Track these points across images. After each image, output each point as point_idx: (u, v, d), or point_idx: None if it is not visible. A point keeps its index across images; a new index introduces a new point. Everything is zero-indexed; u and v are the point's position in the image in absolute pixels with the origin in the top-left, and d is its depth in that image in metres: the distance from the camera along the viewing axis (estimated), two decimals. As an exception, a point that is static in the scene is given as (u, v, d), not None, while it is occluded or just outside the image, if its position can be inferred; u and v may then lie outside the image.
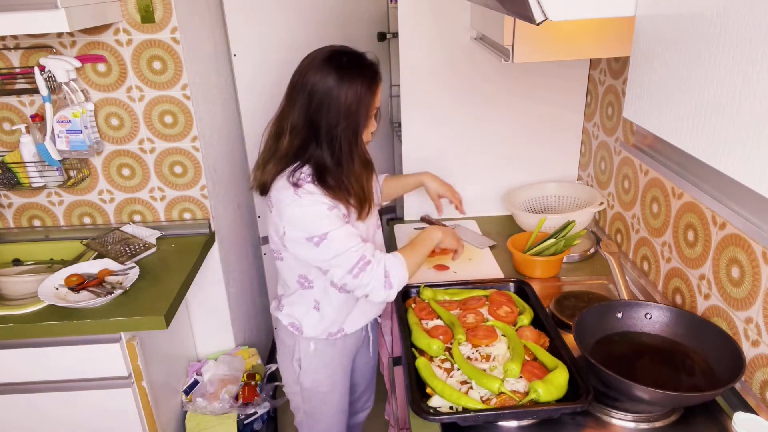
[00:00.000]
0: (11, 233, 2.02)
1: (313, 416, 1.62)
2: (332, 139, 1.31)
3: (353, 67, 1.30)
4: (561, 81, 1.93)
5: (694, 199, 1.34)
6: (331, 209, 1.31)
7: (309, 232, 1.30)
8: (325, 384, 1.57)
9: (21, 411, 1.68)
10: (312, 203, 1.29)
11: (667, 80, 0.74)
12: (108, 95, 1.85)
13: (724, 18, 0.61)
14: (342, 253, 1.29)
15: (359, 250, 1.31)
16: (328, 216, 1.30)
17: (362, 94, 1.29)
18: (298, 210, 1.30)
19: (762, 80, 0.56)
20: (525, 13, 0.90)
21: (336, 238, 1.29)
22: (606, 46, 1.29)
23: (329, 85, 1.28)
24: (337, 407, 1.62)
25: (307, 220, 1.30)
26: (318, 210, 1.30)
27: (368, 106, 1.32)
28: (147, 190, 1.99)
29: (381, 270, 1.32)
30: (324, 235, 1.29)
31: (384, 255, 1.35)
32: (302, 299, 1.48)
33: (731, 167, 0.62)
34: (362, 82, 1.29)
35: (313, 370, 1.54)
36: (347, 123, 1.30)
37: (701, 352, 1.22)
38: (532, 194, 2.02)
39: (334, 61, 1.30)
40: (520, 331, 1.31)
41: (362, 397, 1.84)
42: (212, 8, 2.16)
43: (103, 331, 1.55)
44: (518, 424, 1.13)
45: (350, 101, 1.29)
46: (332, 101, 1.28)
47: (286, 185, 1.32)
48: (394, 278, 1.33)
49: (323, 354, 1.53)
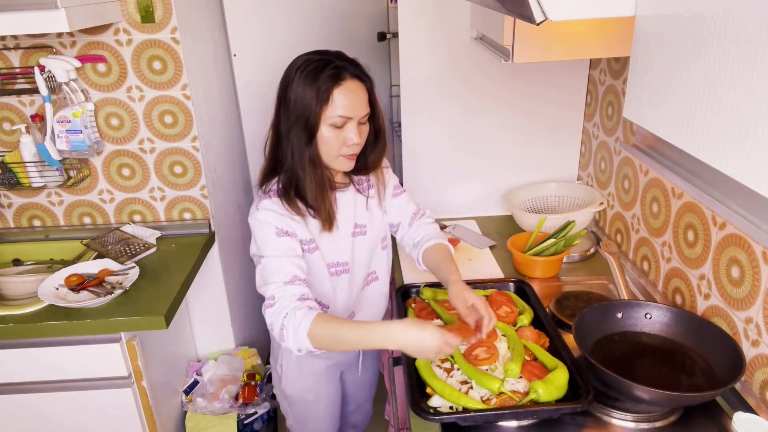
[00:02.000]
0: (11, 233, 2.02)
1: (301, 422, 1.60)
2: (288, 144, 1.26)
3: (311, 70, 1.22)
4: (561, 81, 1.93)
5: (694, 199, 1.34)
6: (281, 235, 1.24)
7: (255, 249, 1.29)
8: (310, 392, 1.54)
9: (21, 411, 1.68)
10: (264, 222, 1.25)
11: (667, 80, 0.74)
12: (108, 95, 1.85)
13: (724, 18, 0.61)
14: (264, 284, 1.23)
15: (274, 288, 1.20)
16: (271, 241, 1.24)
17: (309, 100, 1.20)
18: (253, 224, 1.28)
19: (762, 80, 0.56)
20: (525, 13, 0.90)
21: (267, 266, 1.23)
22: (606, 46, 1.29)
23: (285, 85, 1.25)
24: (325, 416, 1.60)
25: (257, 237, 1.27)
26: (266, 231, 1.25)
27: (315, 114, 1.21)
28: (147, 190, 1.99)
29: (280, 320, 1.16)
30: (259, 259, 1.26)
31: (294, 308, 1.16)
32: None
33: (731, 167, 0.62)
34: (313, 80, 1.20)
35: (294, 377, 1.51)
36: (297, 127, 1.23)
37: (701, 352, 1.22)
38: (532, 194, 2.02)
39: (298, 62, 1.25)
40: (520, 331, 1.31)
41: (358, 411, 1.80)
42: (212, 8, 2.16)
43: (103, 331, 1.55)
44: (518, 424, 1.13)
45: (298, 100, 1.22)
46: (285, 102, 1.24)
47: (257, 194, 1.32)
48: (290, 336, 1.15)
49: (304, 364, 1.49)
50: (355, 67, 1.26)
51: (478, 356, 1.22)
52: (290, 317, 1.15)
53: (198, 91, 1.94)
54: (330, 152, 1.27)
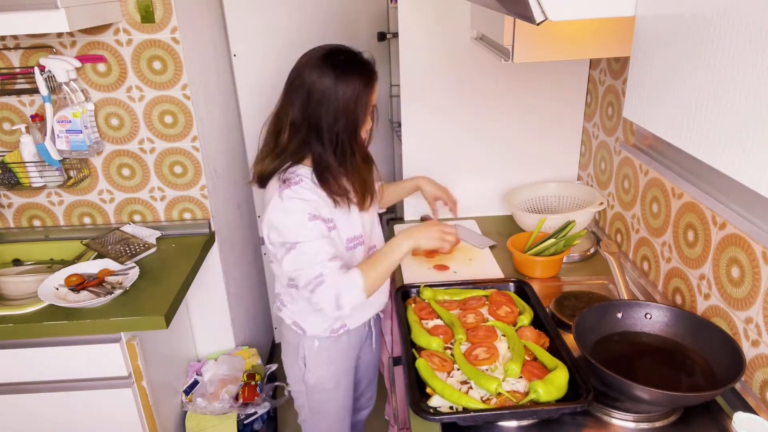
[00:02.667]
0: (11, 233, 2.02)
1: (317, 414, 1.62)
2: (332, 136, 1.33)
3: (350, 66, 1.32)
4: (561, 81, 1.93)
5: (694, 199, 1.34)
6: (312, 219, 1.31)
7: (283, 238, 1.32)
8: (330, 381, 1.57)
9: (21, 411, 1.68)
10: (293, 210, 1.31)
11: (667, 80, 0.74)
12: (108, 95, 1.85)
13: (724, 18, 0.61)
14: (304, 267, 1.31)
15: (320, 267, 1.30)
16: (306, 226, 1.31)
17: (359, 92, 1.31)
18: (278, 214, 1.32)
19: (762, 80, 0.56)
20: (525, 13, 0.90)
21: (305, 250, 1.30)
22: (606, 46, 1.29)
23: (327, 83, 1.30)
24: (341, 404, 1.63)
25: (284, 225, 1.31)
26: (297, 218, 1.31)
27: (365, 104, 1.34)
28: (147, 190, 1.99)
29: (332, 292, 1.30)
30: (294, 245, 1.31)
31: (340, 276, 1.31)
32: (298, 299, 1.48)
33: (731, 167, 0.62)
34: (359, 80, 1.31)
35: (318, 367, 1.55)
36: (346, 120, 1.32)
37: (701, 352, 1.22)
38: (532, 194, 2.02)
39: (331, 59, 1.32)
40: (520, 331, 1.31)
41: (365, 394, 1.85)
42: (212, 8, 2.16)
43: (103, 331, 1.55)
44: (518, 424, 1.13)
45: (348, 99, 1.30)
46: (330, 99, 1.30)
47: (275, 185, 1.35)
48: (345, 300, 1.32)
49: (328, 351, 1.54)
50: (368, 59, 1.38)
51: (478, 356, 1.22)
52: (342, 285, 1.30)
53: (198, 91, 1.94)
54: (365, 137, 1.41)
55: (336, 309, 1.32)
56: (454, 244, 1.52)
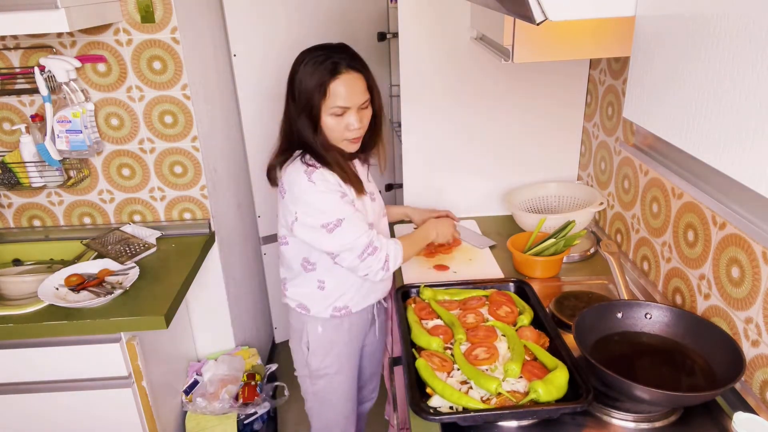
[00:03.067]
0: (11, 233, 2.02)
1: (322, 400, 1.64)
2: (298, 129, 1.39)
3: (312, 60, 1.35)
4: (561, 81, 1.93)
5: (694, 199, 1.34)
6: (343, 197, 1.39)
7: (324, 219, 1.37)
8: (333, 365, 1.60)
9: (21, 411, 1.68)
10: (326, 191, 1.36)
11: (667, 80, 0.74)
12: (108, 95, 1.85)
13: (724, 18, 0.61)
14: (354, 239, 1.38)
15: (368, 236, 1.40)
16: (342, 203, 1.37)
17: (310, 86, 1.34)
18: (314, 197, 1.36)
19: (762, 80, 0.56)
20: (525, 13, 0.90)
21: (348, 224, 1.37)
22: (606, 46, 1.29)
23: (292, 78, 1.38)
24: (346, 392, 1.65)
25: (322, 207, 1.37)
26: (332, 198, 1.37)
27: (318, 101, 1.35)
28: (147, 190, 1.99)
29: (383, 255, 1.42)
30: (339, 222, 1.37)
31: (386, 241, 1.45)
32: (306, 281, 1.53)
33: (731, 167, 0.62)
34: (313, 74, 1.34)
35: (321, 351, 1.58)
36: (303, 117, 1.37)
37: (701, 352, 1.22)
38: (532, 194, 2.02)
39: (302, 57, 1.38)
40: (520, 331, 1.31)
41: (368, 384, 1.86)
42: (212, 8, 2.16)
43: (103, 331, 1.55)
44: (518, 424, 1.13)
45: (302, 92, 1.35)
46: (292, 93, 1.38)
47: (298, 169, 1.38)
48: (392, 262, 1.45)
49: (331, 335, 1.57)
50: (352, 58, 1.38)
51: (478, 356, 1.22)
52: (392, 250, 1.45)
53: (198, 91, 1.94)
54: (334, 137, 1.41)
55: (384, 270, 1.43)
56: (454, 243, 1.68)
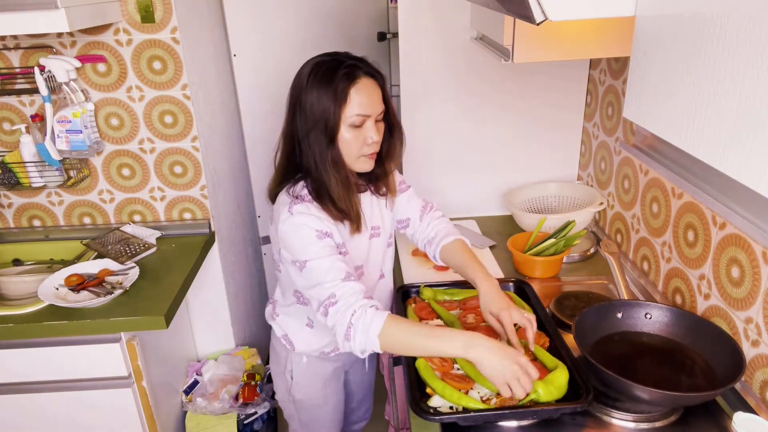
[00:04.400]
0: (11, 233, 2.02)
1: (307, 426, 1.60)
2: (309, 150, 1.24)
3: (324, 72, 1.21)
4: (561, 81, 1.93)
5: (694, 199, 1.34)
6: (321, 237, 1.21)
7: (294, 256, 1.23)
8: (318, 397, 1.54)
9: (21, 411, 1.68)
10: (302, 226, 1.22)
11: (666, 80, 0.74)
12: (108, 95, 1.85)
13: (724, 18, 0.61)
14: (316, 285, 1.19)
15: (332, 288, 1.17)
16: (315, 244, 1.21)
17: (326, 99, 1.19)
18: (289, 230, 1.23)
19: (762, 80, 0.56)
20: (525, 13, 0.90)
21: (314, 267, 1.19)
22: (606, 46, 1.29)
23: (299, 91, 1.23)
24: (331, 419, 1.60)
25: (294, 243, 1.22)
26: (305, 235, 1.21)
27: (335, 116, 1.20)
28: (147, 190, 1.99)
29: (346, 318, 1.13)
30: (304, 263, 1.20)
31: (361, 305, 1.14)
32: (296, 313, 1.44)
33: (731, 167, 0.62)
34: (328, 82, 1.19)
35: (305, 383, 1.51)
36: (316, 132, 1.22)
37: (701, 352, 1.22)
38: (532, 194, 2.02)
39: (309, 66, 1.24)
40: (521, 331, 1.30)
41: (360, 407, 1.81)
42: (212, 8, 2.16)
43: (103, 331, 1.55)
44: (518, 424, 1.13)
45: (315, 104, 1.20)
46: (301, 107, 1.23)
47: (284, 200, 1.27)
48: (355, 336, 1.12)
49: (315, 368, 1.50)
50: (367, 65, 1.25)
51: None
52: (359, 316, 1.12)
53: (198, 91, 1.94)
54: (351, 153, 1.25)
55: (344, 340, 1.14)
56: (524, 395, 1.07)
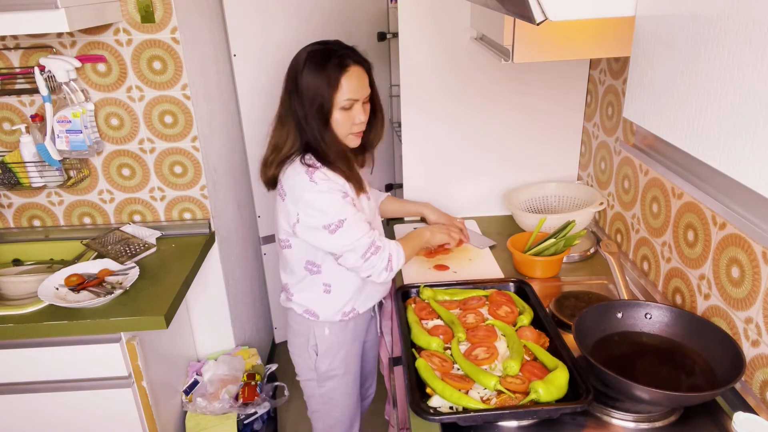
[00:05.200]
0: (11, 233, 2.02)
1: (328, 402, 1.65)
2: (308, 128, 1.39)
3: (319, 57, 1.36)
4: (561, 81, 1.93)
5: (694, 199, 1.34)
6: (345, 197, 1.39)
7: (326, 220, 1.38)
8: (340, 367, 1.61)
9: (21, 411, 1.68)
10: (328, 191, 1.37)
11: (666, 80, 0.74)
12: (108, 95, 1.85)
13: (723, 18, 0.61)
14: (356, 239, 1.39)
15: (370, 236, 1.41)
16: (343, 204, 1.38)
17: (321, 85, 1.35)
18: (316, 196, 1.37)
19: (762, 80, 0.56)
20: (525, 13, 0.90)
21: (350, 225, 1.38)
22: (606, 46, 1.29)
23: (295, 74, 1.38)
24: (351, 391, 1.67)
25: (324, 207, 1.37)
26: (334, 198, 1.38)
27: (329, 98, 1.36)
28: (147, 190, 1.99)
29: (386, 255, 1.44)
30: (341, 222, 1.37)
31: (388, 242, 1.47)
32: (312, 285, 1.53)
33: (731, 167, 0.62)
34: (322, 70, 1.35)
35: (330, 353, 1.59)
36: (312, 110, 1.37)
37: (701, 352, 1.22)
38: (532, 194, 2.02)
39: (304, 54, 1.38)
40: (520, 331, 1.31)
41: (366, 381, 1.88)
42: (212, 8, 2.16)
43: (103, 331, 1.55)
44: (518, 424, 1.13)
45: (310, 89, 1.35)
46: (298, 89, 1.37)
47: (298, 170, 1.39)
48: (395, 263, 1.46)
49: (338, 337, 1.58)
50: (356, 53, 1.41)
51: (478, 356, 1.22)
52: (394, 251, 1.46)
53: (198, 91, 1.94)
54: (342, 132, 1.42)
55: (387, 270, 1.44)
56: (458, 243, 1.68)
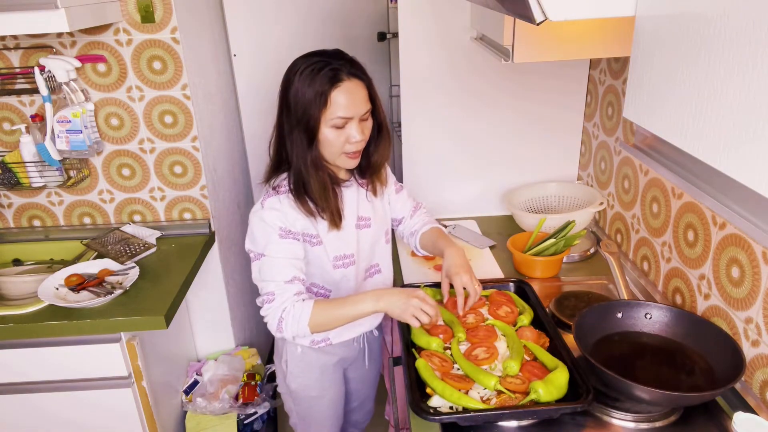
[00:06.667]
0: (11, 233, 2.02)
1: (305, 420, 1.60)
2: (291, 145, 1.27)
3: (309, 74, 1.22)
4: (561, 81, 1.93)
5: (694, 199, 1.34)
6: (284, 236, 1.28)
7: (251, 246, 1.31)
8: (314, 389, 1.54)
9: (21, 411, 1.68)
10: (266, 220, 1.28)
11: (666, 80, 0.74)
12: (108, 95, 1.85)
13: (724, 18, 0.61)
14: (262, 280, 1.29)
15: (274, 285, 1.26)
16: (274, 243, 1.27)
17: (308, 99, 1.21)
18: (254, 219, 1.30)
19: (762, 80, 0.56)
20: (525, 13, 0.90)
21: (267, 264, 1.28)
22: (606, 46, 1.29)
23: (286, 88, 1.26)
24: (330, 413, 1.60)
25: (256, 234, 1.30)
26: (268, 231, 1.28)
27: (316, 115, 1.22)
28: (147, 190, 1.99)
29: (278, 314, 1.26)
30: (259, 255, 1.29)
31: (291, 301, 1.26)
32: None
33: (731, 167, 0.62)
34: (311, 83, 1.21)
35: (299, 373, 1.52)
36: (298, 130, 1.25)
37: (701, 352, 1.22)
38: (532, 194, 2.02)
39: (297, 65, 1.25)
40: (520, 331, 1.30)
41: (362, 408, 1.80)
42: (212, 8, 2.16)
43: (103, 331, 1.55)
44: (518, 424, 1.13)
45: (298, 103, 1.23)
46: (287, 104, 1.26)
47: (264, 189, 1.34)
48: (288, 328, 1.25)
49: (310, 359, 1.51)
50: (352, 65, 1.25)
51: (478, 356, 1.22)
52: (289, 311, 1.25)
53: (198, 91, 1.94)
54: (333, 151, 1.28)
55: (276, 331, 1.27)
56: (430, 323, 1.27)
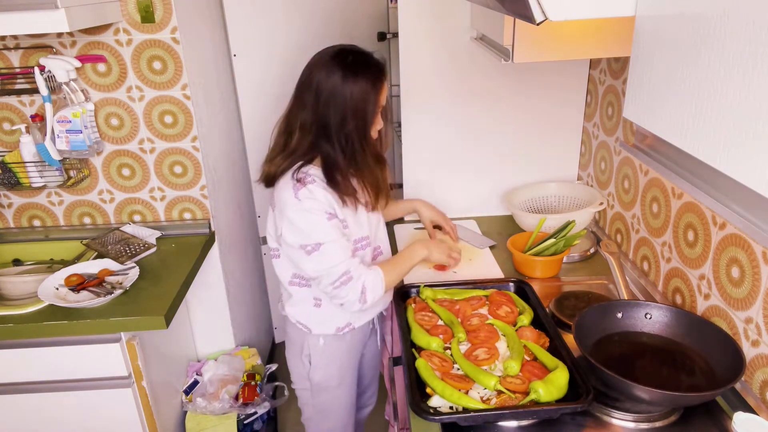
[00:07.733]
0: (11, 233, 2.02)
1: (322, 412, 1.63)
2: (341, 136, 1.33)
3: (358, 66, 1.32)
4: (561, 81, 1.93)
5: (694, 199, 1.34)
6: (331, 218, 1.33)
7: (303, 240, 1.33)
8: (335, 378, 1.58)
9: (21, 411, 1.68)
10: (311, 210, 1.31)
11: (666, 80, 0.74)
12: (108, 95, 1.85)
13: (724, 18, 0.61)
14: (331, 266, 1.32)
15: (346, 265, 1.33)
16: (325, 226, 1.32)
17: (368, 92, 1.32)
18: (297, 214, 1.32)
19: (762, 80, 0.56)
20: (525, 13, 0.90)
21: (328, 251, 1.32)
22: (606, 46, 1.29)
23: (335, 83, 1.30)
24: (346, 402, 1.64)
25: (304, 227, 1.32)
26: (316, 219, 1.32)
27: (374, 103, 1.34)
28: (147, 190, 1.99)
29: (359, 287, 1.34)
30: (317, 246, 1.32)
31: (366, 271, 1.37)
32: (301, 300, 1.49)
33: (731, 167, 0.62)
34: (367, 80, 1.31)
35: (324, 364, 1.56)
36: (355, 120, 1.32)
37: (701, 352, 1.22)
38: (532, 194, 2.02)
39: (340, 58, 1.32)
40: (520, 331, 1.31)
41: (367, 391, 1.85)
42: (212, 8, 2.16)
43: (103, 331, 1.55)
44: (518, 424, 1.13)
45: (356, 99, 1.31)
46: (339, 99, 1.31)
47: (288, 184, 1.34)
48: (369, 295, 1.36)
49: (333, 349, 1.55)
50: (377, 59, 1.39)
51: (478, 357, 1.22)
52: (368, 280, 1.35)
53: (198, 91, 1.94)
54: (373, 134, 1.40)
55: (361, 303, 1.35)
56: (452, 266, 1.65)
